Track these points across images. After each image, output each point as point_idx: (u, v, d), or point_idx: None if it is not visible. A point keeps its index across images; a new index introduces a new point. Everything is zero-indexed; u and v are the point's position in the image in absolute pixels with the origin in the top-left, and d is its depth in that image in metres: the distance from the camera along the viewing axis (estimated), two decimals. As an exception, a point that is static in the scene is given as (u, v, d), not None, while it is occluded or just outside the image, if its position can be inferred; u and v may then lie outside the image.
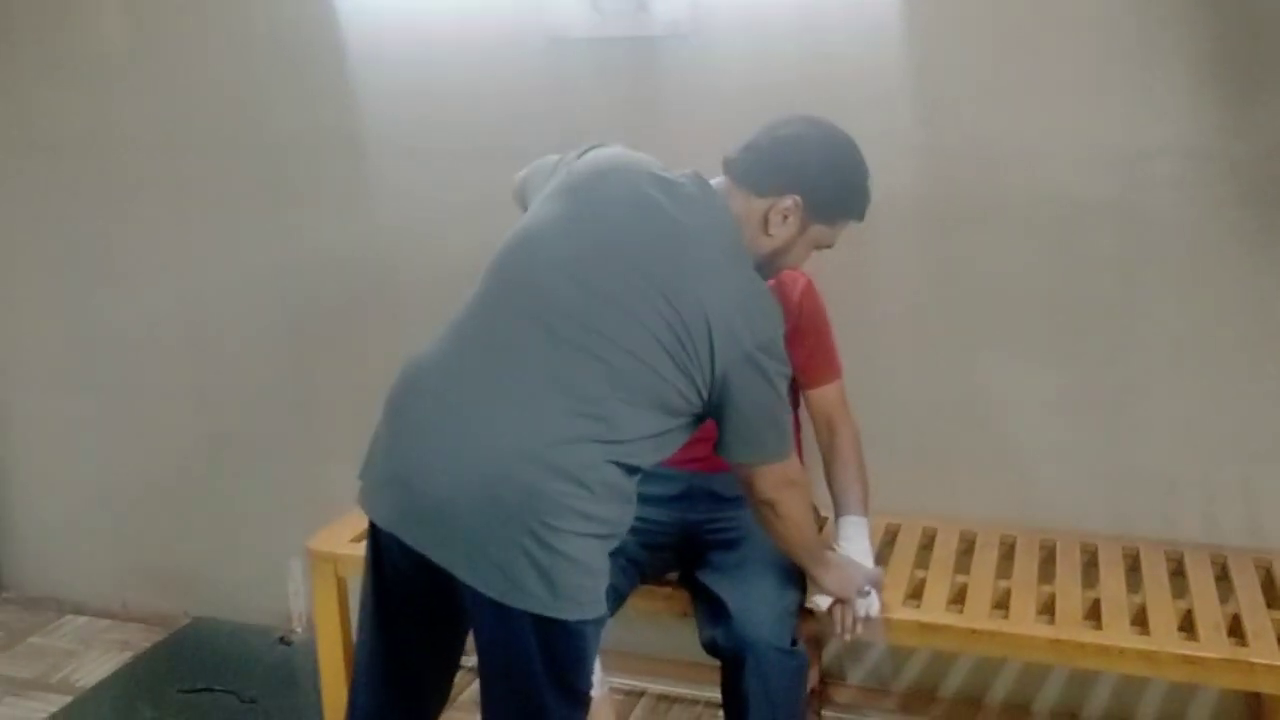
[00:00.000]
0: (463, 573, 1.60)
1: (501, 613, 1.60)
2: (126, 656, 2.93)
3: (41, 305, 3.04)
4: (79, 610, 3.16)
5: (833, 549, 2.03)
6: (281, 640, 2.96)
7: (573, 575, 1.60)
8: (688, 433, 1.75)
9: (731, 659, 1.93)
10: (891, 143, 2.24)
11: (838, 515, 2.12)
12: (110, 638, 3.03)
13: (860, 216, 1.85)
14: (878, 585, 2.00)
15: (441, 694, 1.88)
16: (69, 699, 2.73)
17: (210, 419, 2.95)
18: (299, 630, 2.96)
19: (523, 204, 1.89)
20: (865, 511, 2.11)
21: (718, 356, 1.64)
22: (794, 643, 1.94)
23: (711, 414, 1.72)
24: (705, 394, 1.67)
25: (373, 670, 1.81)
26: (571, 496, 1.59)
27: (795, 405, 2.28)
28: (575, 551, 1.60)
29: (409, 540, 1.65)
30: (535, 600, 1.59)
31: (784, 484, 1.79)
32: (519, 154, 2.02)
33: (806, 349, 2.18)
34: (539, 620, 1.60)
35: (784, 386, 1.73)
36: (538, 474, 1.58)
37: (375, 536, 1.75)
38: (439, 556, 1.62)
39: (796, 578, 2.02)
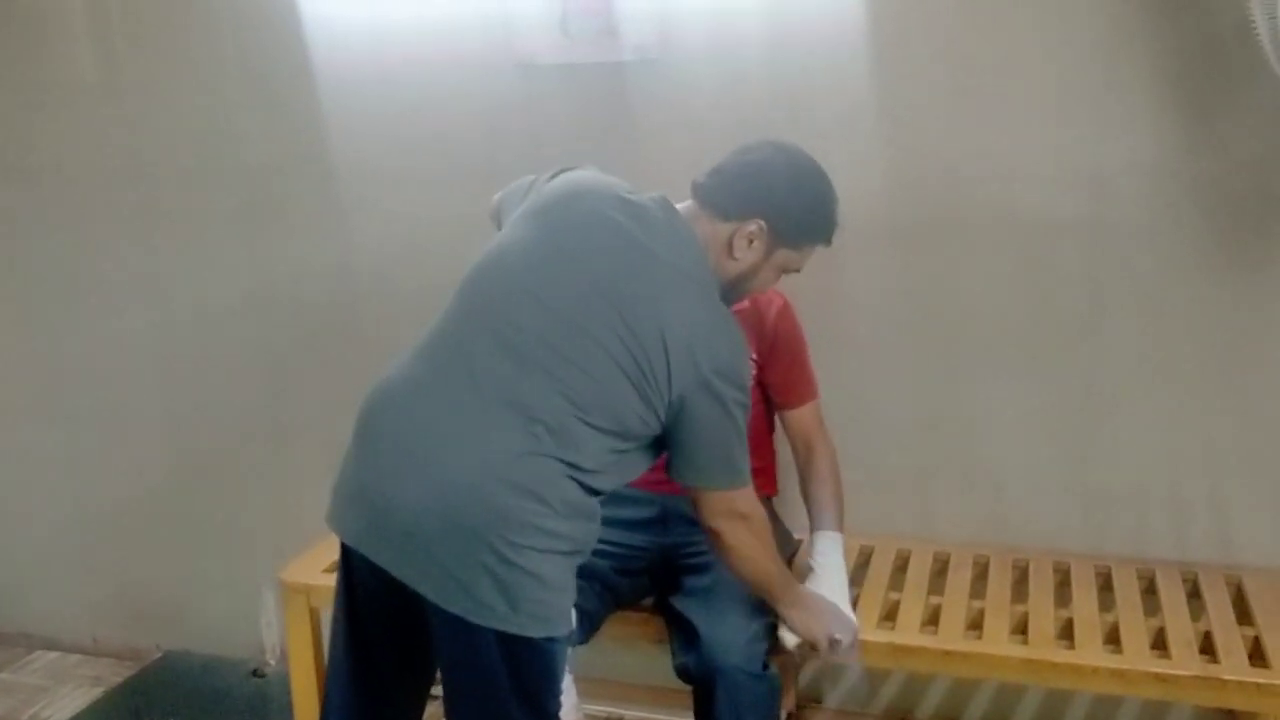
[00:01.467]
0: (425, 589, 1.61)
1: (464, 629, 1.60)
2: (98, 692, 2.89)
3: (10, 334, 3.01)
4: (49, 645, 3.12)
5: (808, 577, 2.02)
6: (254, 673, 2.92)
7: (534, 591, 1.60)
8: (650, 456, 1.75)
9: (702, 684, 1.93)
10: (861, 164, 2.26)
11: (813, 530, 2.13)
12: (81, 673, 3.00)
13: (827, 241, 1.86)
14: (850, 635, 1.94)
15: (415, 714, 1.87)
16: (39, 736, 2.70)
17: (181, 449, 2.93)
18: (272, 662, 2.93)
19: (498, 224, 1.91)
20: (840, 528, 2.12)
21: (674, 378, 1.65)
22: (765, 666, 1.93)
23: (667, 436, 1.72)
24: (662, 416, 1.68)
25: (343, 692, 1.80)
26: (531, 513, 1.59)
27: (771, 428, 2.29)
28: (536, 568, 1.60)
29: (374, 557, 1.66)
30: (496, 616, 1.59)
31: (731, 514, 1.77)
32: (491, 178, 2.03)
33: (782, 370, 2.19)
34: (502, 637, 1.60)
35: (741, 416, 1.72)
36: (497, 490, 1.59)
37: (346, 556, 1.75)
38: (402, 573, 1.62)
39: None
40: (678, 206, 1.78)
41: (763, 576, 1.87)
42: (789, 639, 1.93)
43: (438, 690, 1.77)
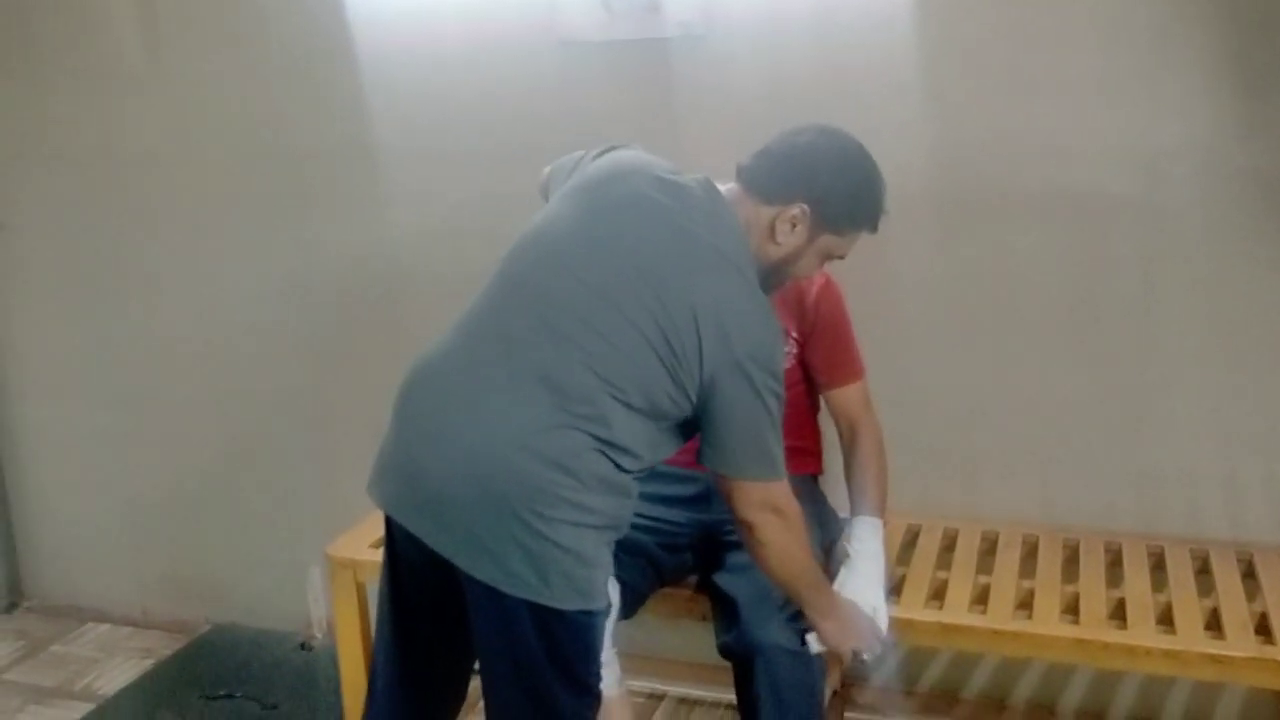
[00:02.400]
0: (459, 559, 1.62)
1: (497, 600, 1.61)
2: (148, 664, 2.94)
3: (61, 317, 3.05)
4: (100, 618, 3.17)
5: (844, 564, 2.00)
6: (302, 646, 2.96)
7: (565, 564, 1.60)
8: (681, 437, 1.74)
9: (742, 661, 1.92)
10: (908, 141, 2.24)
11: (852, 514, 2.11)
12: (132, 645, 3.05)
13: (873, 228, 1.83)
14: (878, 647, 1.91)
15: (458, 687, 1.89)
16: (91, 706, 2.74)
17: (229, 427, 2.96)
18: (319, 636, 2.97)
19: (545, 197, 1.91)
20: (880, 514, 2.09)
21: (705, 358, 1.64)
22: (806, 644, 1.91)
23: (697, 418, 1.70)
24: (694, 396, 1.67)
25: (389, 663, 1.83)
26: (561, 486, 1.59)
27: (815, 408, 2.27)
28: (566, 540, 1.60)
29: (410, 526, 1.67)
30: (528, 588, 1.59)
31: (764, 507, 1.73)
32: (532, 157, 2.02)
33: (825, 349, 2.17)
34: (534, 608, 1.60)
35: (775, 406, 1.69)
36: (526, 462, 1.59)
37: (389, 528, 1.77)
38: (436, 542, 1.64)
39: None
40: (721, 188, 1.77)
41: (795, 580, 1.82)
42: (814, 645, 1.89)
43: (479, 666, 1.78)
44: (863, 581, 1.96)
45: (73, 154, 2.91)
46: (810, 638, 1.89)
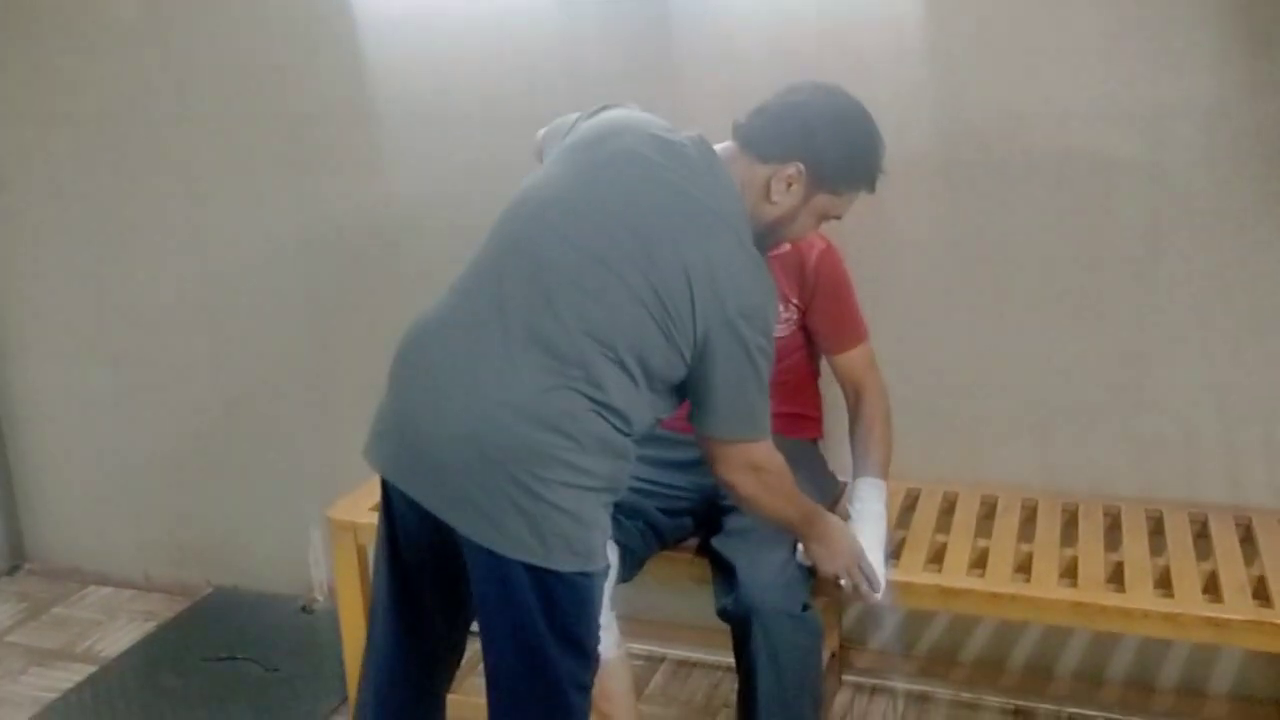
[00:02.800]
0: (456, 522, 1.62)
1: (494, 562, 1.61)
2: (150, 626, 2.95)
3: (60, 277, 3.05)
4: (102, 581, 3.19)
5: (845, 515, 2.02)
6: (303, 609, 2.97)
7: (563, 525, 1.60)
8: (676, 398, 1.74)
9: (740, 624, 1.93)
10: (911, 102, 2.22)
11: (855, 475, 2.11)
12: (134, 608, 3.06)
13: (870, 188, 1.81)
14: (865, 582, 1.94)
15: (455, 647, 1.90)
16: (93, 669, 2.76)
17: (229, 390, 2.96)
18: (320, 599, 2.98)
19: (539, 160, 1.90)
20: (884, 475, 2.10)
21: (699, 316, 1.63)
22: (806, 607, 1.93)
23: (689, 381, 1.70)
24: (687, 356, 1.66)
25: (386, 621, 1.83)
26: (557, 447, 1.59)
27: (816, 373, 2.27)
28: (563, 501, 1.60)
29: (406, 489, 1.68)
30: (524, 549, 1.60)
31: (745, 467, 1.74)
32: (533, 118, 2.00)
33: (826, 314, 2.16)
34: (532, 570, 1.60)
35: (764, 365, 1.69)
36: (521, 424, 1.59)
37: (385, 490, 1.77)
38: (433, 505, 1.64)
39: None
40: (717, 147, 1.75)
41: (781, 518, 1.86)
42: (801, 558, 1.94)
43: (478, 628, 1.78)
44: (864, 541, 1.97)
45: (71, 114, 2.89)
46: (800, 549, 1.94)
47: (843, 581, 1.94)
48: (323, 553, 2.91)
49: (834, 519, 1.95)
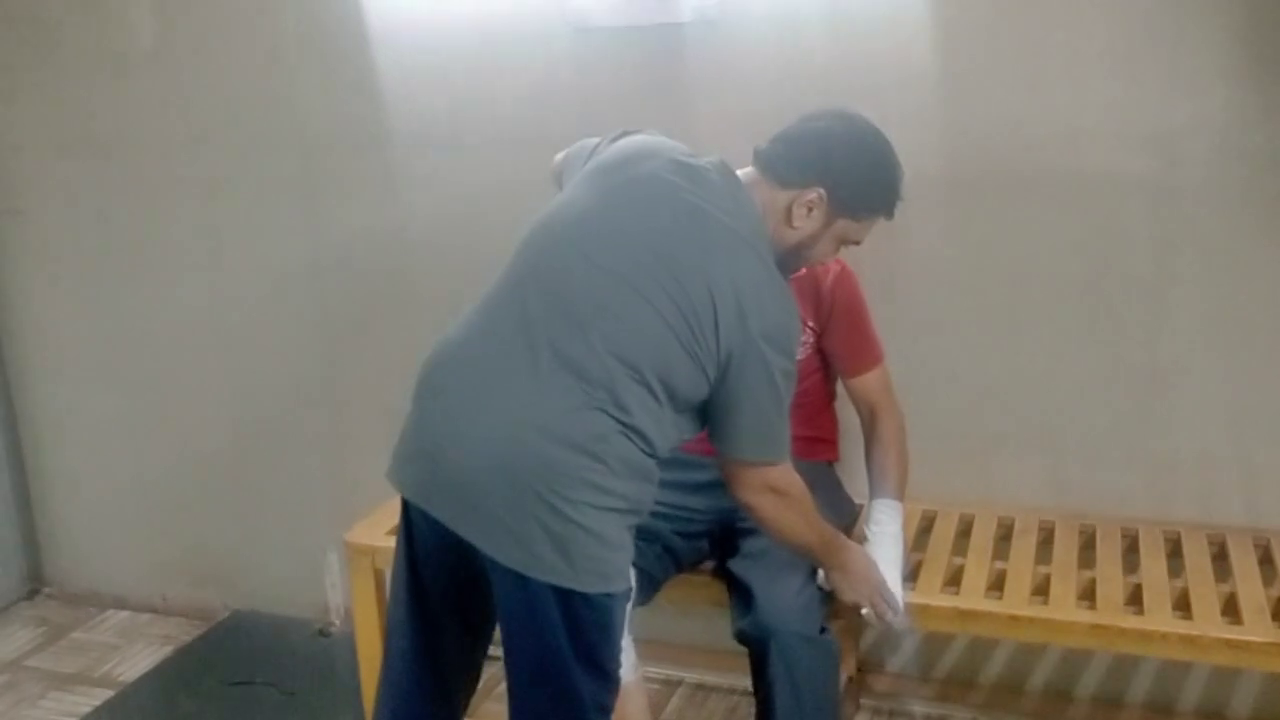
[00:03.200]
0: (483, 544, 1.63)
1: (522, 584, 1.61)
2: (168, 650, 2.96)
3: (77, 302, 3.07)
4: (120, 605, 3.20)
5: (862, 537, 2.02)
6: (320, 633, 2.98)
7: (590, 547, 1.61)
8: (700, 420, 1.75)
9: (757, 647, 1.93)
10: (922, 123, 2.23)
11: (871, 497, 2.11)
12: (152, 632, 3.07)
13: (890, 214, 1.83)
14: (884, 604, 1.94)
15: (472, 671, 1.90)
16: (111, 693, 2.77)
17: (245, 413, 2.98)
18: (337, 623, 2.98)
19: (559, 185, 1.92)
20: (900, 497, 2.10)
21: (722, 337, 1.64)
22: (823, 630, 1.93)
23: (711, 401, 1.70)
24: (711, 377, 1.67)
25: (403, 644, 1.83)
26: (585, 469, 1.60)
27: (832, 396, 2.27)
28: (591, 523, 1.60)
29: (432, 511, 1.68)
30: (553, 571, 1.60)
31: (762, 489, 1.75)
32: (546, 143, 2.02)
33: (842, 337, 2.17)
34: (559, 593, 1.61)
35: (786, 388, 1.70)
36: (550, 446, 1.60)
37: (406, 513, 1.78)
38: (459, 528, 1.64)
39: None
40: (738, 173, 1.77)
41: (803, 546, 1.87)
42: (823, 582, 1.96)
43: (498, 650, 1.78)
44: (881, 563, 1.97)
45: (86, 139, 2.92)
46: (820, 575, 1.95)
47: (864, 611, 1.94)
48: (339, 576, 2.91)
49: (855, 547, 1.96)
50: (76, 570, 3.26)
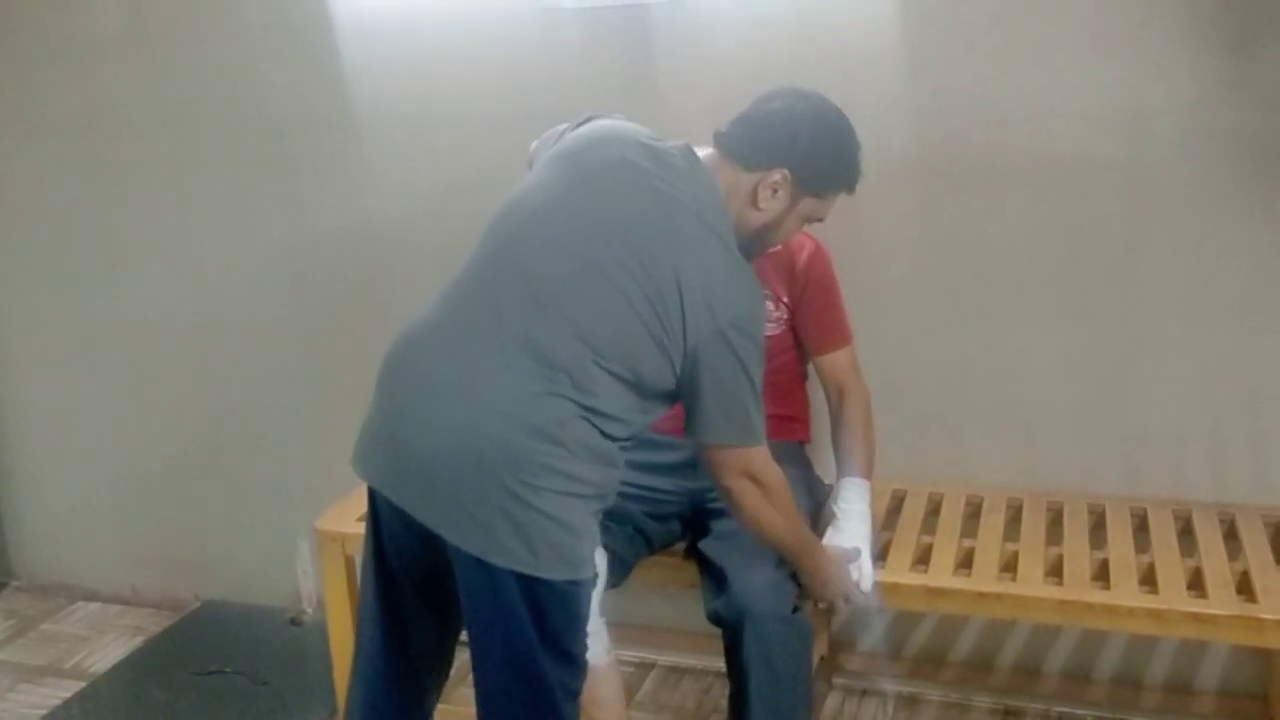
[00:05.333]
0: (446, 531, 1.62)
1: (485, 571, 1.61)
2: (138, 641, 2.94)
3: (44, 290, 3.04)
4: (90, 596, 3.17)
5: (831, 524, 2.04)
6: (292, 621, 2.97)
7: (553, 533, 1.61)
8: (666, 404, 1.74)
9: (731, 628, 1.93)
10: (890, 105, 2.23)
11: (839, 476, 2.12)
12: (122, 623, 3.05)
13: (851, 189, 1.84)
14: (860, 599, 1.97)
15: (443, 658, 1.90)
16: (82, 684, 2.75)
17: (216, 402, 2.96)
18: (309, 611, 2.97)
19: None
20: (867, 475, 2.11)
21: (689, 329, 1.64)
22: (795, 609, 1.94)
23: (680, 389, 1.70)
24: (677, 366, 1.67)
25: (373, 633, 1.82)
26: (547, 455, 1.60)
27: (804, 376, 2.28)
28: (553, 509, 1.60)
29: (395, 499, 1.67)
30: (515, 558, 1.60)
31: (741, 474, 1.75)
32: (515, 124, 2.02)
33: (814, 314, 2.18)
34: (522, 579, 1.61)
35: (757, 373, 1.70)
36: (513, 432, 1.59)
37: (373, 500, 1.77)
38: (422, 515, 1.64)
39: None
40: (700, 154, 1.77)
41: (778, 543, 1.86)
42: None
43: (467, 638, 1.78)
44: (849, 541, 1.99)
45: (56, 125, 2.88)
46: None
47: (840, 604, 1.98)
48: (311, 564, 2.90)
49: (828, 553, 1.96)
50: (46, 562, 3.23)
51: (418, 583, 1.78)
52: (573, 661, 1.71)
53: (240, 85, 2.70)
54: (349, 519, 2.32)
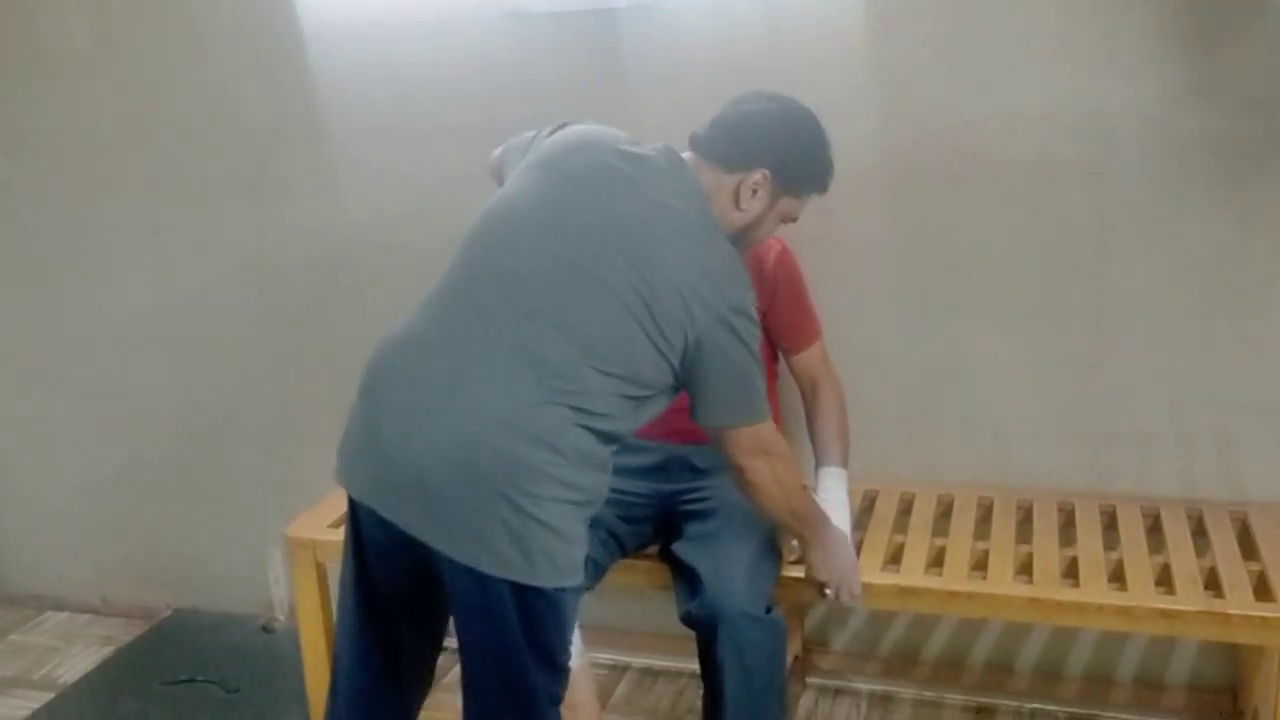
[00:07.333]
0: (438, 542, 1.61)
1: (479, 581, 1.60)
2: (108, 651, 2.91)
3: (14, 303, 3.00)
4: (59, 606, 3.14)
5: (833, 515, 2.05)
6: (264, 629, 2.95)
7: (548, 541, 1.60)
8: (663, 402, 1.75)
9: (705, 629, 1.93)
10: (858, 109, 2.24)
11: (817, 467, 2.15)
12: (91, 632, 3.02)
13: (824, 188, 1.88)
14: (856, 585, 1.99)
15: (425, 672, 1.89)
16: (51, 695, 2.72)
17: (186, 411, 2.93)
18: (281, 618, 2.96)
19: (499, 180, 1.90)
20: (845, 464, 2.15)
21: (691, 322, 1.65)
22: (769, 610, 1.94)
23: (684, 380, 1.72)
24: (676, 364, 1.68)
25: (354, 650, 1.81)
26: (546, 463, 1.59)
27: (774, 375, 2.28)
28: (551, 518, 1.60)
29: (384, 512, 1.65)
30: (510, 567, 1.59)
31: (755, 451, 1.78)
32: (485, 131, 2.01)
33: (786, 314, 2.19)
34: (516, 588, 1.60)
35: (757, 348, 1.74)
36: (511, 440, 1.58)
37: (354, 512, 1.75)
38: (413, 527, 1.62)
39: (772, 545, 2.03)
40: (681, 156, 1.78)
41: (786, 513, 1.89)
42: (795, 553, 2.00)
43: (451, 643, 1.77)
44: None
45: (23, 139, 2.85)
46: (794, 544, 1.99)
47: (828, 591, 1.97)
48: (283, 572, 2.88)
49: (837, 529, 1.99)
50: (15, 572, 3.20)
51: (401, 594, 1.76)
52: (557, 667, 1.71)
53: (208, 98, 2.68)
54: (320, 526, 2.31)
